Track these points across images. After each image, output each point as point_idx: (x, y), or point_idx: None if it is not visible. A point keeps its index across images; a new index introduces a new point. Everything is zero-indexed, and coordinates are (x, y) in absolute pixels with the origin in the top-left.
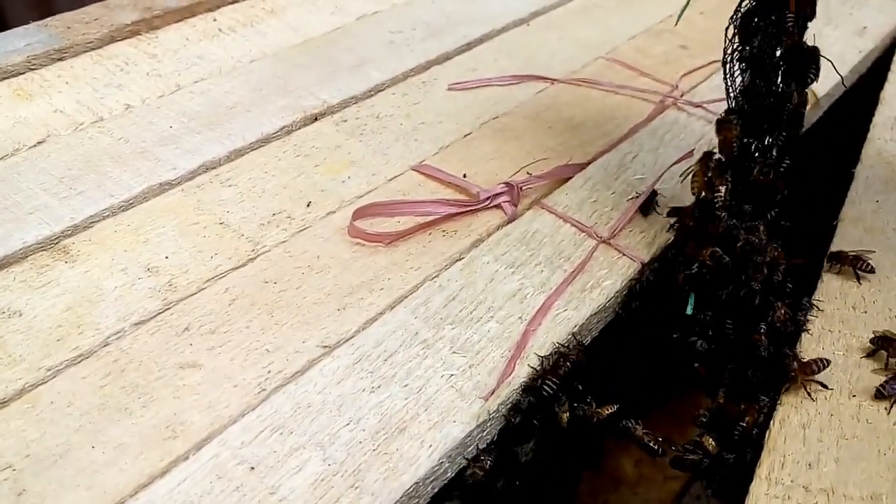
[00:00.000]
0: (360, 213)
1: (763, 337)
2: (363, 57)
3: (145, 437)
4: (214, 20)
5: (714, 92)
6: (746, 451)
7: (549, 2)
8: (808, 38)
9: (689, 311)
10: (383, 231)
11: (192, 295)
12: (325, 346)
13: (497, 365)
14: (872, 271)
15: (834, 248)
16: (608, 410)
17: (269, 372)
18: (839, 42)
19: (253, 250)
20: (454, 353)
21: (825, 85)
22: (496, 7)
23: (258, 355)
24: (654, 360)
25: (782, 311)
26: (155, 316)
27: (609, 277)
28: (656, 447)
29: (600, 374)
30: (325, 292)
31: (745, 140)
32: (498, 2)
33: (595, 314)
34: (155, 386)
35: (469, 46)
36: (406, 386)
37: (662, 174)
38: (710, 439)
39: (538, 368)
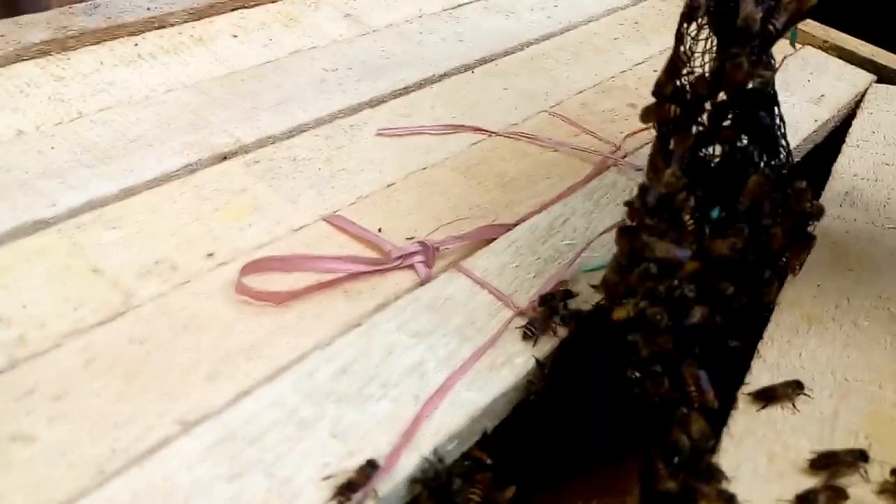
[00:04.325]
0: (251, 268)
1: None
2: (289, 94)
3: None
4: (136, 45)
5: None
6: None
7: (497, 49)
8: None
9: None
10: (276, 289)
11: (44, 352)
12: (185, 422)
13: (382, 453)
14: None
15: (766, 337)
16: (509, 495)
17: (112, 450)
18: (794, 109)
19: (124, 303)
20: (334, 437)
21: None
22: (441, 51)
23: (104, 429)
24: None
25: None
26: None
27: (522, 354)
28: None
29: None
30: (196, 358)
31: None
32: (444, 46)
33: (502, 395)
34: None
35: (406, 91)
36: (271, 475)
37: (591, 242)
38: None
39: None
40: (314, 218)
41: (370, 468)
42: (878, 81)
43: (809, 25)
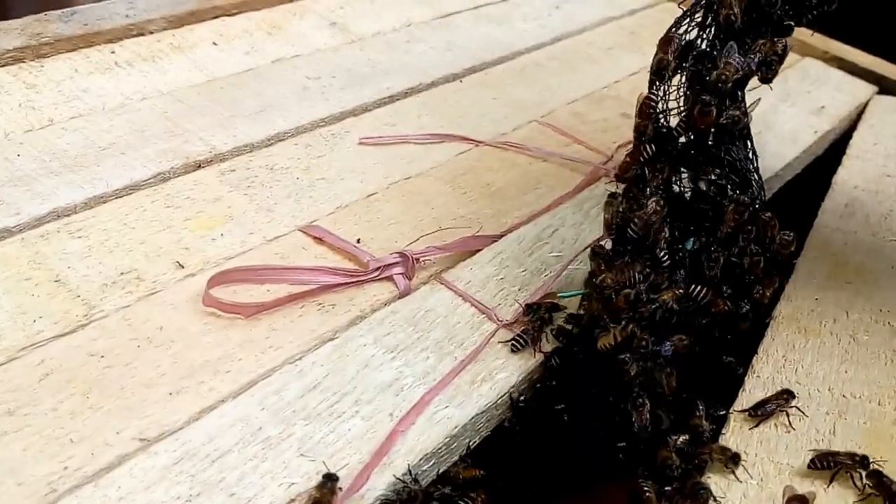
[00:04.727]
0: (219, 279)
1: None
2: (270, 102)
3: None
4: (113, 52)
5: None
6: None
7: (488, 59)
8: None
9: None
10: (245, 301)
11: None
12: (144, 440)
13: (353, 472)
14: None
15: (762, 352)
16: None
17: (65, 468)
18: (793, 120)
19: (86, 315)
20: (302, 455)
21: (774, 164)
22: (429, 60)
23: (58, 446)
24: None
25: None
26: None
27: (504, 369)
28: None
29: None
30: (159, 372)
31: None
32: (432, 54)
33: (482, 413)
34: None
35: (391, 99)
36: (233, 495)
37: (579, 254)
38: None
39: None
40: (290, 228)
41: (329, 482)
42: (880, 93)
43: (810, 37)
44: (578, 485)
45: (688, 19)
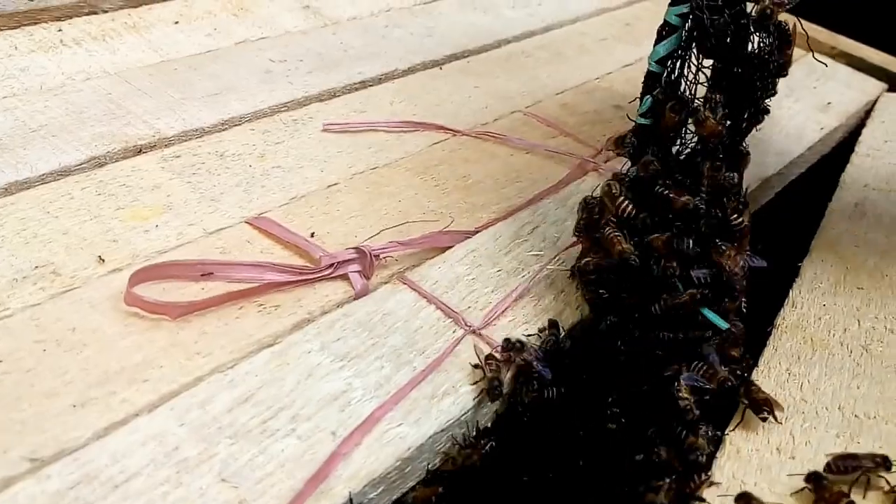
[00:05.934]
0: (144, 275)
1: None
2: (227, 85)
3: None
4: (60, 30)
5: None
6: None
7: (471, 46)
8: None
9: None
10: (174, 301)
11: None
12: (35, 460)
13: (283, 501)
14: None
15: (762, 364)
16: None
17: None
18: (799, 116)
19: None
20: (223, 480)
21: (778, 161)
22: (407, 46)
23: None
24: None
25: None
26: None
27: (470, 381)
28: None
29: None
30: (65, 380)
31: None
32: (411, 40)
33: (442, 431)
34: None
35: (363, 85)
36: None
37: (561, 253)
38: None
39: None
40: (236, 220)
41: None
42: (890, 90)
43: (817, 32)
44: None
45: None
